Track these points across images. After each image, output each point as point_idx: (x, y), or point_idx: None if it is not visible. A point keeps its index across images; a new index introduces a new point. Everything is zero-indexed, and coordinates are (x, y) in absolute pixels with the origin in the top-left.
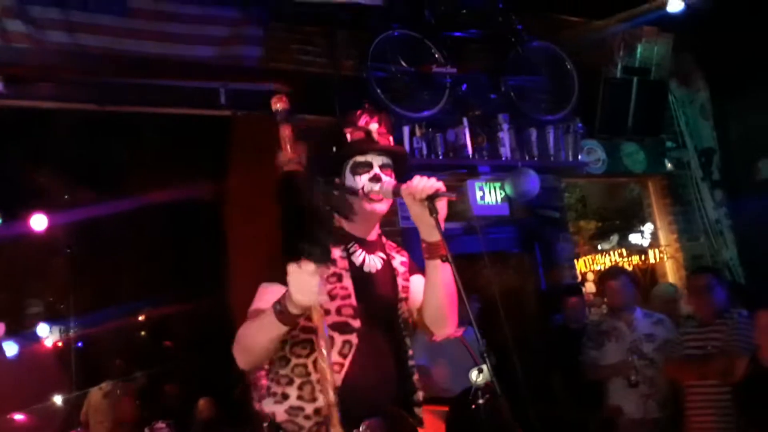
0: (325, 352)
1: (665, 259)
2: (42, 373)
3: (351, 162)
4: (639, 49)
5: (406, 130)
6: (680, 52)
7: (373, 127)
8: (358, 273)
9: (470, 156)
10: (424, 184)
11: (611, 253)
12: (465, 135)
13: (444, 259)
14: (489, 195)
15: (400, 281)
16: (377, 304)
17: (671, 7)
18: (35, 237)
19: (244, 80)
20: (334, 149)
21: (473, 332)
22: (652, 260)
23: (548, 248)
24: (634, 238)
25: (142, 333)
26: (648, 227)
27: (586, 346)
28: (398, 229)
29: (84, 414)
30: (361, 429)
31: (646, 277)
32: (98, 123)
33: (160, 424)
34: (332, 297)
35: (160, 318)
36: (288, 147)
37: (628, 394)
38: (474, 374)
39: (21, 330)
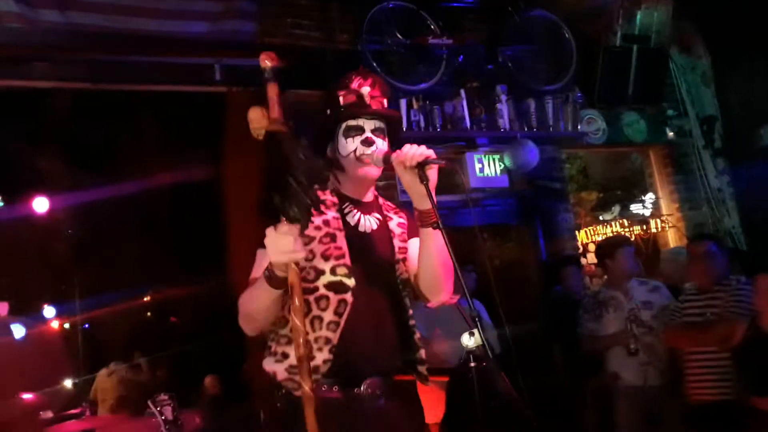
0: (298, 303)
1: (667, 228)
2: (49, 355)
3: (343, 126)
4: (638, 17)
5: (403, 102)
6: (680, 18)
7: (365, 90)
8: (352, 233)
9: (468, 128)
10: (414, 151)
11: (613, 223)
12: (463, 107)
13: (435, 226)
14: (488, 167)
15: (396, 242)
16: (373, 263)
17: None
18: (37, 219)
19: (238, 55)
20: (328, 112)
21: (467, 300)
22: (653, 230)
23: (549, 219)
24: (635, 208)
25: (148, 314)
26: (649, 197)
27: (583, 318)
28: (397, 202)
29: (93, 392)
30: (362, 388)
31: (648, 247)
32: (95, 103)
33: (163, 396)
34: (326, 257)
35: (165, 298)
36: (274, 107)
37: (627, 363)
38: (465, 338)
39: (26, 312)
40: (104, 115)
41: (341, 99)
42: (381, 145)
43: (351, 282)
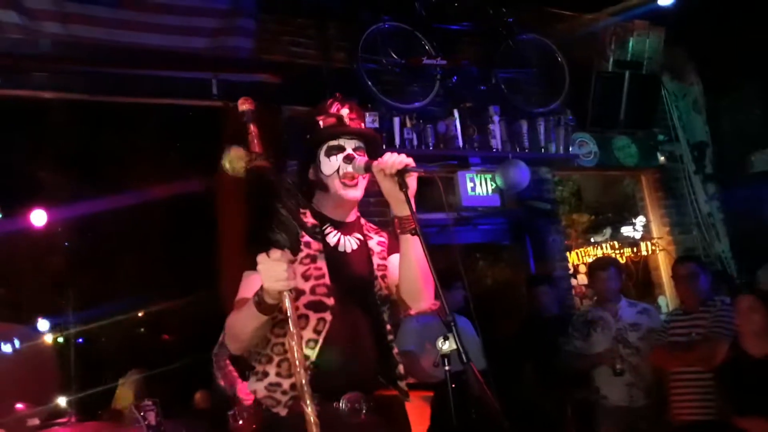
0: (294, 332)
1: (657, 251)
2: (41, 370)
3: (325, 146)
4: (631, 43)
5: (396, 121)
6: (672, 45)
7: (344, 112)
8: (332, 253)
9: (461, 147)
10: (393, 159)
11: (604, 245)
12: (456, 126)
13: (413, 233)
14: (480, 186)
15: (375, 259)
16: (352, 282)
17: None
18: (34, 232)
19: (236, 71)
20: (308, 137)
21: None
22: (644, 252)
23: (539, 240)
24: (626, 231)
25: (141, 329)
26: (640, 220)
27: (572, 336)
28: (391, 218)
29: (114, 401)
30: (341, 402)
31: (639, 270)
32: (94, 114)
33: (147, 402)
34: (306, 277)
35: (159, 312)
36: (255, 144)
37: (613, 382)
38: (440, 342)
39: (22, 322)
40: (102, 127)
41: (321, 122)
42: (361, 161)
43: (330, 301)
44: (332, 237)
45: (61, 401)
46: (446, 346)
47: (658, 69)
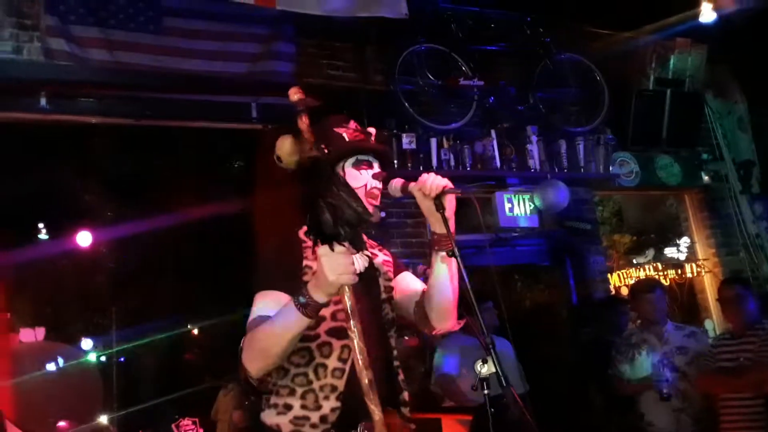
0: (355, 328)
1: (703, 273)
2: (84, 387)
3: (353, 158)
4: (672, 61)
5: (433, 142)
6: (716, 63)
7: (372, 130)
8: None
9: (498, 167)
10: (431, 181)
11: (647, 267)
12: (493, 147)
13: (450, 254)
14: (518, 207)
15: (382, 281)
16: (365, 305)
17: (703, 17)
18: (79, 253)
19: (275, 95)
20: (329, 147)
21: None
22: (689, 274)
23: (580, 261)
24: (670, 252)
25: (181, 349)
26: (684, 241)
27: (615, 359)
28: (428, 239)
29: (214, 412)
30: (359, 430)
31: (683, 292)
32: (137, 139)
33: (187, 421)
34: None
35: (198, 333)
36: (308, 133)
37: (659, 408)
38: (479, 365)
39: (67, 340)
40: (146, 151)
41: (345, 135)
42: (387, 177)
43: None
44: None
45: (103, 419)
46: (485, 369)
47: (700, 87)
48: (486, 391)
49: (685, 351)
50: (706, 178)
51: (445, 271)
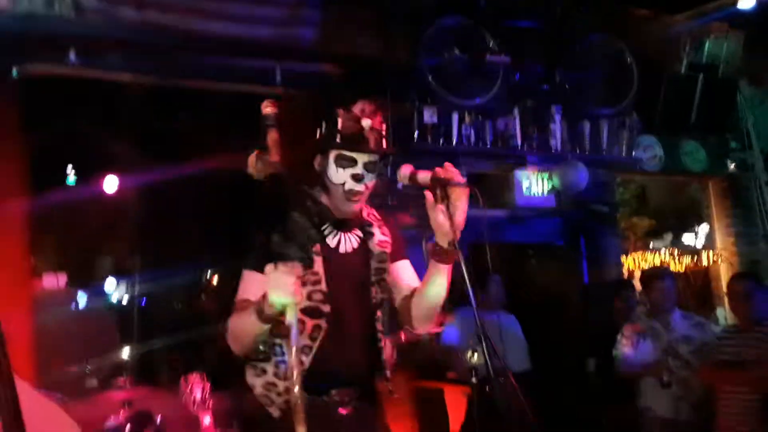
0: (294, 351)
1: (719, 262)
2: (105, 327)
3: (337, 153)
4: (707, 46)
5: (455, 117)
6: (752, 50)
7: (366, 124)
8: (331, 255)
9: (519, 146)
10: (443, 170)
11: (663, 252)
12: (515, 125)
13: (446, 261)
14: (535, 186)
15: (374, 263)
16: (349, 286)
17: (742, 3)
18: (106, 197)
19: (299, 60)
20: (321, 130)
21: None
22: (705, 262)
23: (594, 243)
24: (687, 239)
25: (202, 296)
26: (703, 228)
27: (620, 343)
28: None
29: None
30: (332, 394)
31: (698, 280)
32: (165, 95)
33: (195, 375)
34: (303, 283)
35: (217, 280)
36: (274, 151)
37: (660, 394)
38: (468, 354)
39: (88, 284)
40: (172, 107)
41: (340, 121)
42: (369, 180)
43: (326, 308)
44: (332, 238)
45: (123, 354)
46: (475, 358)
47: (734, 73)
48: (474, 380)
49: (690, 340)
50: (731, 166)
51: (441, 283)
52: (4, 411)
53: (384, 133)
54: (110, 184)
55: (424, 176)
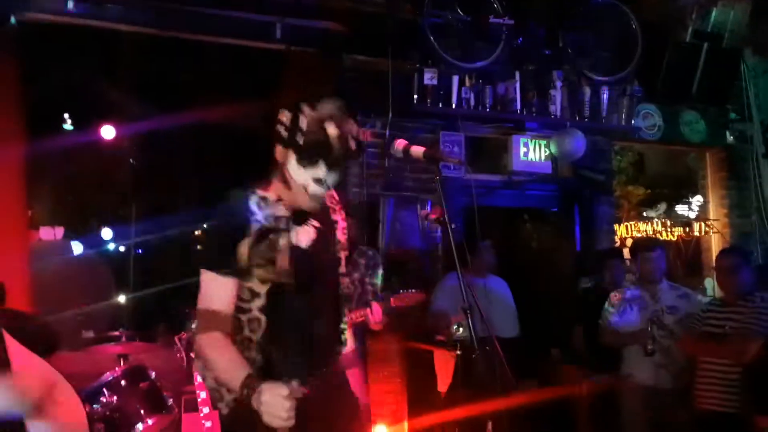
0: None
1: (711, 233)
2: (101, 275)
3: (299, 153)
4: (713, 14)
5: (455, 79)
6: (759, 20)
7: (333, 131)
8: (293, 252)
9: (518, 111)
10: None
11: (656, 221)
12: (515, 89)
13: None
14: (533, 152)
15: (343, 254)
16: (309, 277)
17: None
18: (102, 145)
19: (301, 16)
20: (287, 125)
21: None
22: (696, 233)
23: (588, 210)
24: (681, 209)
25: (198, 247)
26: (697, 199)
27: (607, 311)
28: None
29: None
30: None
31: (689, 250)
32: (164, 46)
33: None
34: (263, 280)
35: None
36: None
37: (642, 362)
38: (454, 328)
39: (84, 232)
40: (172, 59)
41: (305, 122)
42: (332, 181)
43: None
44: (294, 234)
45: (120, 299)
46: (460, 331)
47: (739, 43)
48: (458, 352)
49: (675, 310)
50: (730, 137)
51: None
52: None
53: (350, 140)
54: (107, 133)
55: (416, 150)
